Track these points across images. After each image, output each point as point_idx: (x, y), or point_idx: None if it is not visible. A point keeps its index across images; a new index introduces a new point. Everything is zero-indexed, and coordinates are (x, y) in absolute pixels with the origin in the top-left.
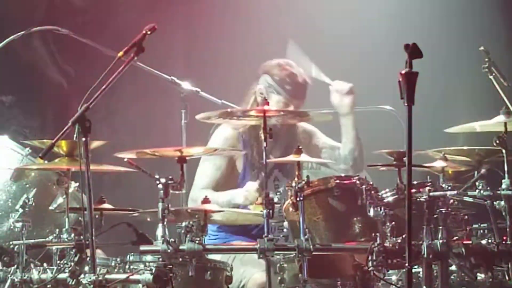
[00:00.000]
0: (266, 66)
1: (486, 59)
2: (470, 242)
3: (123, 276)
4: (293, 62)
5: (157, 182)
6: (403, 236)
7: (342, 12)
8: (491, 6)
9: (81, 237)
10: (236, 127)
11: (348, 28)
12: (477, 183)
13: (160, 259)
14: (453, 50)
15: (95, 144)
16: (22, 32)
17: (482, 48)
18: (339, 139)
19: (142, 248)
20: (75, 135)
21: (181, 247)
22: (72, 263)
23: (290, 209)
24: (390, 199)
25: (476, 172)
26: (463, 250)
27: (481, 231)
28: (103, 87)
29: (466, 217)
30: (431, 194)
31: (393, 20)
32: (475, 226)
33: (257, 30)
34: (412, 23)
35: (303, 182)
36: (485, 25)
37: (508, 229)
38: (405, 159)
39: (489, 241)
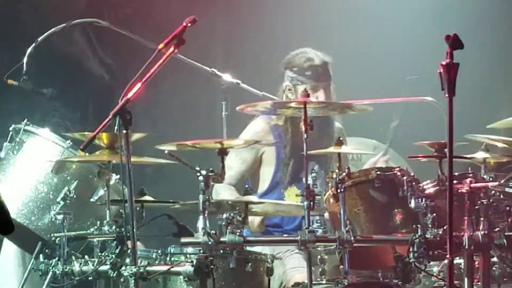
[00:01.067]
0: (285, 61)
1: None
2: None
3: (164, 268)
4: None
5: (198, 174)
6: (445, 227)
7: (380, 6)
8: None
9: (122, 229)
10: (267, 120)
11: (389, 17)
12: None
13: (201, 251)
14: (496, 42)
15: (135, 136)
16: (63, 25)
17: None
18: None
19: (183, 240)
20: (115, 128)
21: (222, 239)
22: (113, 255)
23: (331, 200)
24: (431, 190)
25: None
26: (505, 241)
27: None
28: (144, 79)
29: (508, 208)
30: (472, 185)
31: (436, 10)
32: None
33: (300, 20)
34: (455, 13)
35: (344, 174)
36: None
37: None
38: (446, 150)
39: None
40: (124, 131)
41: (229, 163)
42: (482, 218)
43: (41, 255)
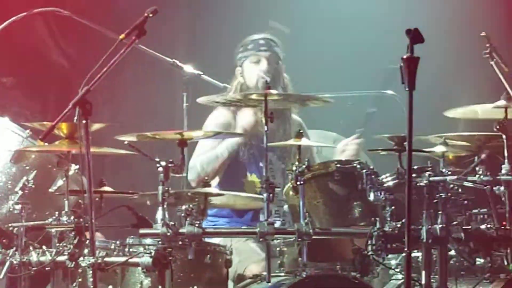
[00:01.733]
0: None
1: (487, 45)
2: (470, 227)
3: (123, 259)
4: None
5: (158, 165)
6: (403, 220)
7: None
8: None
9: (81, 219)
10: (231, 108)
11: (349, 11)
12: (477, 168)
13: (160, 242)
14: (455, 36)
15: (95, 126)
16: (24, 13)
17: (483, 33)
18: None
19: (142, 231)
20: (75, 118)
21: (180, 231)
22: (71, 246)
23: (291, 192)
24: (390, 183)
25: (476, 157)
26: (463, 235)
27: (481, 216)
28: (105, 69)
29: (465, 202)
30: (431, 179)
31: (395, 4)
32: (474, 211)
33: (263, 12)
34: (414, 7)
35: (304, 166)
36: (486, 10)
37: (507, 215)
38: (405, 144)
39: (489, 226)
40: (84, 121)
41: (204, 145)
42: (440, 212)
43: None
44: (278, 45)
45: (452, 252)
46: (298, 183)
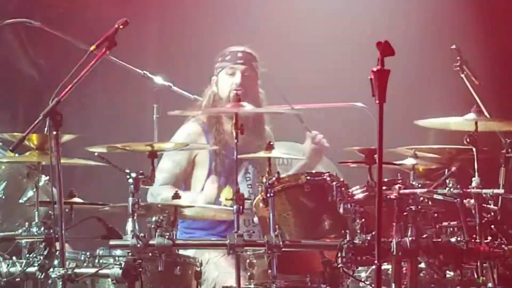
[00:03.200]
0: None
1: (458, 58)
2: (440, 240)
3: (93, 270)
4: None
5: (128, 176)
6: (373, 233)
7: (315, 10)
8: (464, 4)
9: (51, 230)
10: (199, 122)
11: (321, 26)
12: (447, 181)
13: (130, 254)
14: (426, 49)
15: (66, 137)
16: None
17: (454, 46)
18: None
19: (112, 242)
20: (46, 129)
21: (150, 242)
22: (42, 257)
23: (261, 204)
24: (360, 196)
25: (446, 170)
26: (432, 247)
27: (451, 229)
28: (75, 80)
29: (435, 214)
30: (401, 191)
31: (366, 17)
32: (444, 224)
33: (233, 22)
34: (385, 20)
35: (274, 178)
36: (457, 23)
37: (477, 227)
38: (376, 156)
39: (458, 239)
40: (54, 133)
41: (162, 165)
42: (410, 224)
43: None
44: (257, 59)
45: (422, 265)
46: (268, 195)
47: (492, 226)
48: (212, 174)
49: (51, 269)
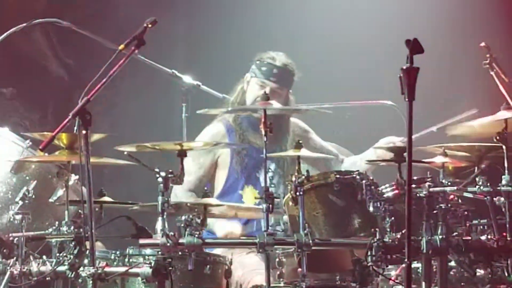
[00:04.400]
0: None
1: (487, 55)
2: (470, 238)
3: (122, 269)
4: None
5: (157, 175)
6: (403, 231)
7: (344, 8)
8: (492, 1)
9: (81, 229)
10: (224, 122)
11: (349, 23)
12: (477, 179)
13: (160, 253)
14: (455, 46)
15: (95, 137)
16: (24, 25)
17: (483, 44)
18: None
19: (142, 241)
20: (75, 128)
21: (180, 241)
22: (72, 256)
23: (290, 203)
24: (390, 194)
25: (476, 168)
26: (463, 246)
27: (481, 227)
28: (104, 80)
29: (465, 213)
30: (431, 189)
31: (396, 15)
32: (474, 222)
33: (262, 21)
34: (414, 18)
35: (303, 177)
36: (486, 20)
37: (507, 225)
38: (405, 154)
39: (489, 237)
40: (84, 132)
41: (187, 168)
42: (440, 223)
43: None
44: (293, 74)
45: (452, 263)
46: (298, 193)
47: None
48: (232, 173)
49: (81, 268)
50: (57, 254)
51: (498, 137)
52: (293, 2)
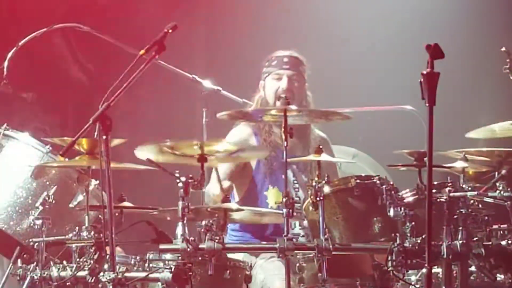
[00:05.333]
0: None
1: (508, 60)
2: (490, 243)
3: (143, 274)
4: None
5: (177, 180)
6: (423, 236)
7: (364, 13)
8: None
9: (101, 235)
10: (251, 124)
11: (368, 27)
12: (497, 184)
13: (180, 258)
14: (476, 51)
15: (115, 142)
16: (44, 29)
17: (504, 49)
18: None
19: (162, 246)
20: (95, 133)
21: (200, 246)
22: (92, 261)
23: (310, 208)
24: (410, 199)
25: (496, 173)
26: (483, 250)
27: (501, 232)
28: (124, 85)
29: (486, 217)
30: (451, 194)
31: (416, 19)
32: (495, 227)
33: (283, 27)
34: (434, 23)
35: (323, 182)
36: (507, 25)
37: None
38: (425, 159)
39: (509, 241)
40: (104, 137)
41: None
42: (460, 228)
43: (19, 260)
44: (304, 63)
45: (473, 268)
46: (318, 198)
47: None
48: (258, 174)
49: (102, 273)
50: (77, 259)
51: None
52: (313, 4)
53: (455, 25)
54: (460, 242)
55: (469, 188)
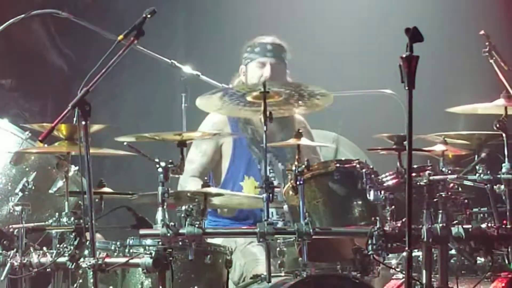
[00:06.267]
0: (243, 48)
1: (487, 43)
2: (470, 226)
3: (123, 260)
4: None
5: (157, 165)
6: (403, 220)
7: None
8: None
9: (81, 220)
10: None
11: (348, 10)
12: (477, 167)
13: (160, 243)
14: (454, 34)
15: (95, 127)
16: (22, 16)
17: (482, 32)
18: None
19: (142, 232)
20: (75, 119)
21: (180, 231)
22: (72, 247)
23: (290, 192)
24: (390, 183)
25: (476, 156)
26: (463, 234)
27: (481, 215)
28: (103, 70)
29: (466, 201)
30: (431, 178)
31: (395, 3)
32: (475, 210)
33: (261, 11)
34: (413, 6)
35: (303, 166)
36: (485, 8)
37: (508, 213)
38: (405, 143)
39: (489, 225)
40: (83, 123)
41: (190, 156)
42: (440, 211)
43: None
44: (286, 50)
45: (453, 251)
46: (298, 183)
47: None
48: (233, 163)
49: (82, 259)
50: (57, 245)
51: (498, 125)
52: None
53: (434, 9)
54: (440, 225)
55: (449, 172)
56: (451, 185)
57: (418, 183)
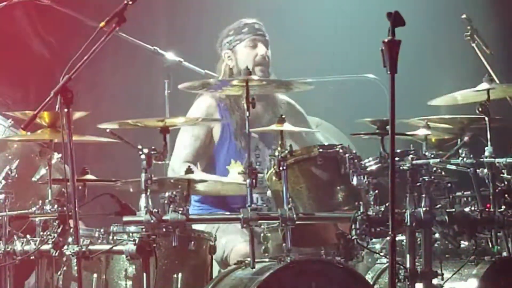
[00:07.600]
0: (219, 36)
1: (468, 27)
2: (453, 210)
3: (107, 247)
4: None
5: (140, 152)
6: (387, 204)
7: None
8: None
9: (64, 208)
10: (214, 96)
11: None
12: (460, 151)
13: (144, 230)
14: (436, 18)
15: (77, 115)
16: (4, 3)
17: (464, 16)
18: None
19: (125, 218)
20: (57, 106)
21: (164, 218)
22: (55, 234)
23: (273, 178)
24: (373, 167)
25: (459, 140)
26: (446, 218)
27: (464, 199)
28: (85, 57)
29: (449, 185)
30: (414, 162)
31: None
32: (458, 194)
33: None
34: None
35: (286, 151)
36: None
37: (491, 197)
38: (388, 127)
39: (472, 208)
40: (66, 110)
41: (183, 141)
42: (423, 195)
43: None
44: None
45: (437, 235)
46: (281, 168)
47: (506, 195)
48: (222, 148)
49: (65, 247)
50: (41, 233)
51: (480, 109)
52: None
53: None
54: (424, 209)
55: (432, 156)
56: (434, 169)
57: (401, 168)
